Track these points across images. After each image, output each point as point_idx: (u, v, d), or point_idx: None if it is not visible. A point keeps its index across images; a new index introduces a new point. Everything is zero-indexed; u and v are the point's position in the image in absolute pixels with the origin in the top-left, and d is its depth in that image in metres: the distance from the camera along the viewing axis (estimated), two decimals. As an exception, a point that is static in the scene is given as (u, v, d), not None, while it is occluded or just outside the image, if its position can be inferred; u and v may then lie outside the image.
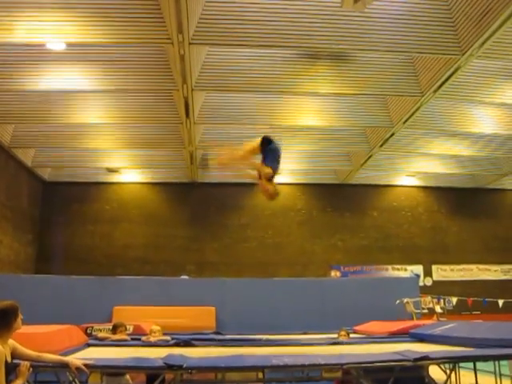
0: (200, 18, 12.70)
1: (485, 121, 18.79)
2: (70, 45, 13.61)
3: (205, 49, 14.48)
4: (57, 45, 13.57)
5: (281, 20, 13.08)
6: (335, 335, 9.54)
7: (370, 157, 21.29)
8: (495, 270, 25.37)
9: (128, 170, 23.83)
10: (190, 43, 12.80)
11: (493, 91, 16.49)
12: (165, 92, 16.33)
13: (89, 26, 12.54)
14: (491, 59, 14.71)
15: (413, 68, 15.67)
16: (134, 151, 21.75)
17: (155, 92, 16.51)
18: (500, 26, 12.10)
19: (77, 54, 14.57)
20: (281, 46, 13.93)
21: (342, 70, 15.64)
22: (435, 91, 15.60)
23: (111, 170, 23.28)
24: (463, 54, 13.41)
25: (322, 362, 5.80)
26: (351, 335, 10.12)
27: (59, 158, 21.88)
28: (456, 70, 14.39)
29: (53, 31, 12.66)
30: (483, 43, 12.89)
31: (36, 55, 14.51)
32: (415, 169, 23.93)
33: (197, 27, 12.72)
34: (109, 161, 22.42)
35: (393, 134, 18.95)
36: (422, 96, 15.86)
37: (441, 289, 22.64)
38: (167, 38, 12.63)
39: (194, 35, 12.73)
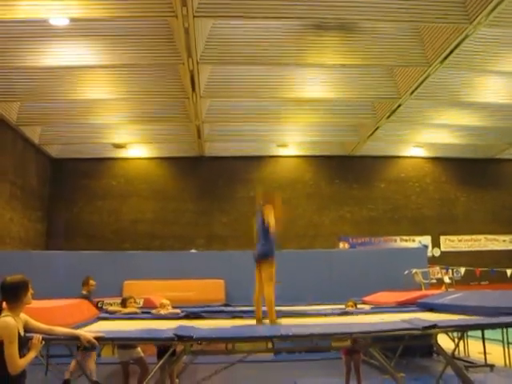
0: (204, -10, 12.58)
1: (493, 90, 18.60)
2: (73, 20, 13.52)
3: (209, 22, 14.36)
4: (60, 20, 13.47)
5: (286, -9, 12.94)
6: (343, 306, 9.60)
7: (377, 128, 21.18)
8: (503, 240, 25.38)
9: (135, 145, 23.81)
10: (194, 16, 12.69)
11: (501, 60, 16.29)
12: (170, 66, 16.25)
13: (92, 1, 12.45)
14: (499, 27, 14.50)
15: (420, 38, 15.49)
16: (140, 126, 21.71)
17: (160, 66, 16.43)
18: (508, -7, 11.93)
19: (80, 29, 14.46)
20: (286, 18, 13.79)
21: (348, 40, 15.49)
22: (442, 61, 15.43)
23: (118, 146, 23.28)
24: (471, 23, 13.23)
25: (332, 332, 5.85)
26: (359, 306, 10.18)
27: (66, 135, 21.87)
28: (464, 39, 14.20)
29: (56, 7, 12.59)
30: (491, 11, 12.70)
31: (40, 31, 14.42)
32: (423, 140, 23.81)
33: (200, 0, 12.61)
34: (115, 136, 22.40)
35: (400, 105, 18.82)
36: (429, 66, 15.70)
37: (449, 259, 22.71)
38: (171, 12, 12.53)
39: (198, 8, 12.63)
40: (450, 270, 17.41)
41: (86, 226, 23.36)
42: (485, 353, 8.95)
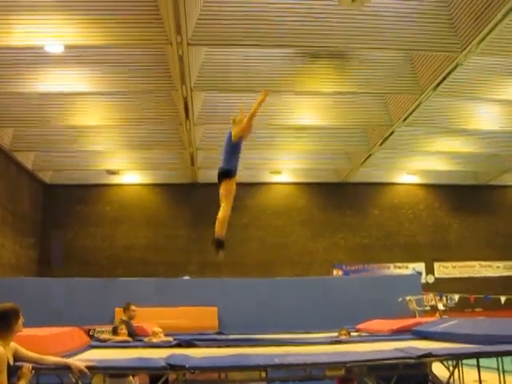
0: (198, 19, 12.69)
1: (485, 118, 18.76)
2: (68, 47, 13.58)
3: (203, 49, 14.47)
4: (55, 47, 13.54)
5: (279, 19, 13.07)
6: (336, 334, 9.53)
7: (370, 155, 21.28)
8: (497, 267, 25.36)
9: (128, 172, 23.83)
10: (188, 44, 12.80)
11: (492, 88, 16.46)
12: (164, 93, 16.34)
13: (87, 28, 12.54)
14: (491, 56, 14.69)
15: (412, 65, 15.65)
16: (134, 153, 21.75)
17: (154, 93, 16.51)
18: (499, 22, 12.07)
19: (75, 56, 14.57)
20: (279, 45, 13.94)
21: (341, 68, 15.63)
22: (435, 88, 15.57)
23: (111, 172, 23.27)
24: (462, 51, 13.38)
25: (326, 361, 5.79)
26: (353, 334, 10.11)
27: (60, 161, 21.88)
28: (455, 67, 14.36)
29: (51, 34, 12.67)
30: (482, 39, 12.86)
31: (35, 58, 14.51)
32: (415, 166, 23.92)
33: (195, 28, 12.71)
34: (109, 163, 22.41)
35: (393, 132, 18.93)
36: (422, 94, 15.84)
37: (443, 286, 22.62)
38: (166, 39, 12.62)
39: (192, 36, 12.73)
40: (444, 297, 17.31)
41: (79, 253, 23.21)
42: (480, 381, 8.86)
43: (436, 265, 25.07)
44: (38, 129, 18.75)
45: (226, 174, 7.91)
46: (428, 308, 16.16)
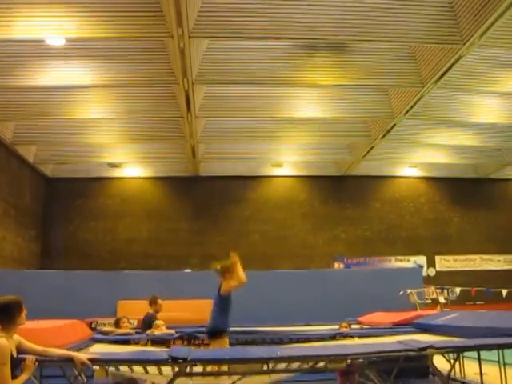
0: (199, 12, 12.67)
1: (487, 110, 18.72)
2: (69, 40, 13.56)
3: (205, 42, 14.44)
4: (57, 40, 13.52)
5: (280, 12, 13.04)
6: (337, 326, 9.55)
7: (371, 148, 21.25)
8: (498, 260, 25.37)
9: (130, 165, 23.83)
10: (189, 36, 12.77)
11: (494, 80, 16.42)
12: (165, 86, 16.31)
13: (88, 21, 12.51)
14: (493, 48, 14.64)
15: (414, 58, 15.61)
16: (135, 146, 21.74)
17: (156, 86, 16.49)
18: (501, 15, 12.02)
19: (77, 49, 14.54)
20: (281, 38, 13.91)
21: (343, 61, 15.59)
22: (436, 81, 15.53)
23: (113, 165, 23.28)
24: (464, 44, 13.34)
25: (326, 353, 5.80)
26: (354, 326, 10.13)
27: (61, 154, 21.87)
28: (457, 60, 14.31)
29: (52, 27, 12.64)
30: (484, 32, 12.81)
31: (36, 51, 14.49)
32: (417, 159, 23.90)
33: (196, 20, 12.69)
34: (110, 156, 22.42)
35: (394, 125, 18.90)
36: (424, 86, 15.80)
37: (444, 279, 22.66)
38: (167, 32, 12.60)
39: (193, 28, 12.71)
40: (446, 290, 17.33)
41: (81, 246, 23.24)
42: (481, 374, 8.87)
43: (437, 258, 25.09)
44: (39, 122, 18.74)
45: (216, 333, 7.49)
46: (429, 301, 16.19)
